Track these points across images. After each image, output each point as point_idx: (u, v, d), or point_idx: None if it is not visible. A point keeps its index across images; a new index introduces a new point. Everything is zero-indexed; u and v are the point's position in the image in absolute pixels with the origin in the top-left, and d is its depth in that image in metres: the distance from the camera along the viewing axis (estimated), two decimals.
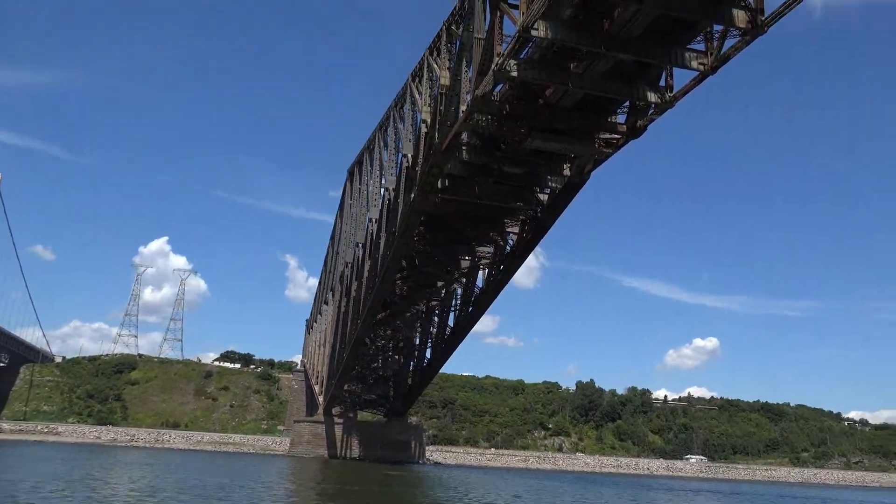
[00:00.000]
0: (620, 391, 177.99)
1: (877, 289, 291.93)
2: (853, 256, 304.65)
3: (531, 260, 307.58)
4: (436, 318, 61.86)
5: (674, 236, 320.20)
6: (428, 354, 67.76)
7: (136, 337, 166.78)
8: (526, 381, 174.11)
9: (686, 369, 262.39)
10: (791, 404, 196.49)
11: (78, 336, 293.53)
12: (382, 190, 52.58)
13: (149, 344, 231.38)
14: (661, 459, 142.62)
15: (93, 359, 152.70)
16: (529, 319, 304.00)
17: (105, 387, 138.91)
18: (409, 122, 44.82)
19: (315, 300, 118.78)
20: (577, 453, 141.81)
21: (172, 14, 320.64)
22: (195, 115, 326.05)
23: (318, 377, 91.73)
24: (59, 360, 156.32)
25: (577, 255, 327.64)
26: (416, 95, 42.81)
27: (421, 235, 45.81)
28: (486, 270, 51.27)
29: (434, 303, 61.50)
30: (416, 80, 43.25)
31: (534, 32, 25.43)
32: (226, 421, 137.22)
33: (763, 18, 24.24)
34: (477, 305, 53.38)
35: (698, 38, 27.10)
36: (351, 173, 71.38)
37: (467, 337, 58.27)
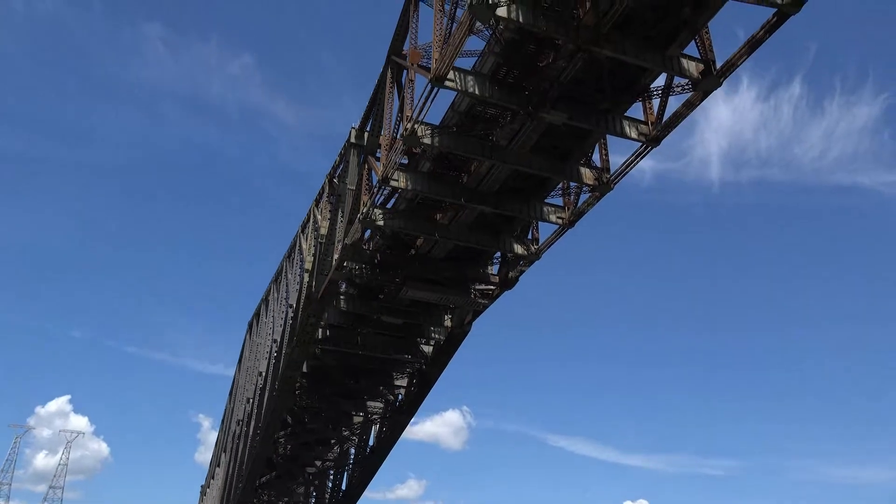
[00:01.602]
0: None
1: (795, 444, 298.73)
2: (770, 413, 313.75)
3: (458, 419, 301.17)
4: (329, 481, 57.75)
5: (597, 392, 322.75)
6: None
7: None
8: None
9: None
10: None
11: None
12: (271, 342, 50.75)
13: None
14: None
15: None
16: (458, 483, 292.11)
17: None
18: (297, 272, 44.30)
19: (210, 462, 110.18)
20: None
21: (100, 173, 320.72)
22: (110, 270, 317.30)
23: None
24: None
25: (506, 414, 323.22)
26: (304, 245, 42.68)
27: (303, 389, 43.69)
28: (378, 427, 48.92)
29: (328, 463, 57.72)
30: (304, 230, 43.37)
31: (393, 183, 26.12)
32: None
33: (608, 176, 25.66)
34: (366, 465, 50.31)
35: (557, 193, 28.46)
36: (250, 326, 69.21)
37: (391, 502, 54.21)
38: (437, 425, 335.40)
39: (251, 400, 55.48)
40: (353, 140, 31.24)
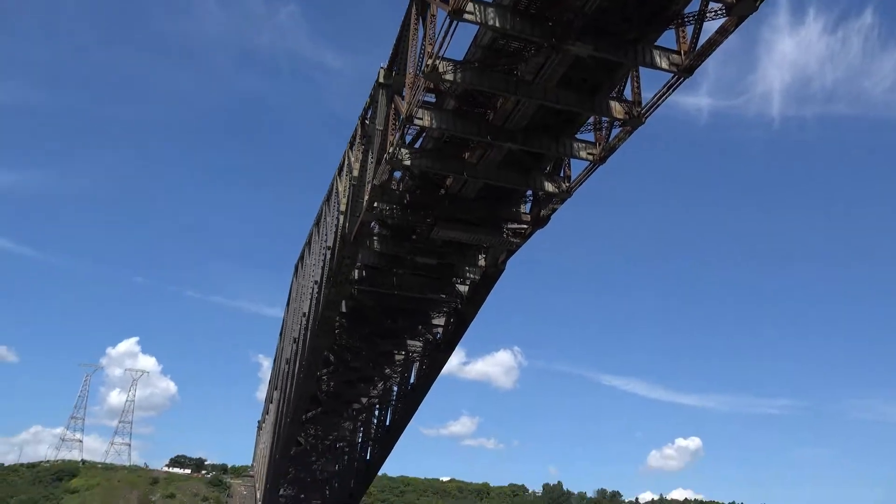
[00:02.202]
0: (590, 493, 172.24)
1: (851, 387, 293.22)
2: (827, 355, 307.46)
3: (509, 359, 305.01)
4: (375, 417, 59.57)
5: (652, 335, 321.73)
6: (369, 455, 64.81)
7: (80, 441, 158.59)
8: (491, 484, 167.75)
9: (670, 470, 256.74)
10: None
11: (37, 442, 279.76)
12: (312, 283, 51.80)
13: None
14: None
15: (32, 465, 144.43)
16: (509, 421, 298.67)
17: (41, 497, 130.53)
18: (334, 215, 44.71)
19: (265, 399, 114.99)
20: None
21: (145, 125, 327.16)
22: (168, 218, 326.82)
23: (260, 481, 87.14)
24: None
25: (557, 354, 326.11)
26: (339, 188, 42.91)
27: (343, 328, 44.63)
28: (418, 365, 49.90)
29: (373, 399, 59.39)
30: (340, 173, 43.52)
31: (417, 122, 25.77)
32: None
33: (639, 110, 24.74)
34: (407, 401, 51.60)
35: (588, 128, 27.69)
36: (296, 268, 70.71)
37: (445, 439, 56.10)
38: (488, 365, 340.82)
39: (297, 340, 57.18)
40: (381, 80, 30.72)
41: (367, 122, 34.07)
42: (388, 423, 57.25)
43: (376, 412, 60.10)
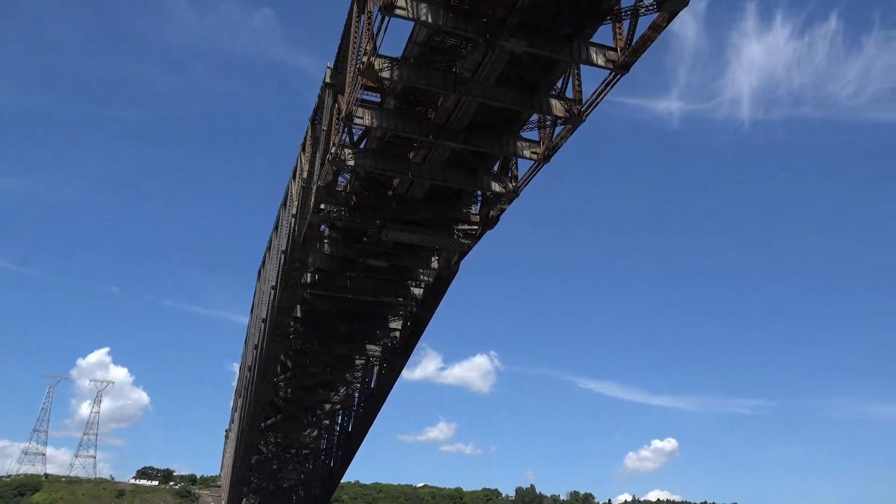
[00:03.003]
0: (563, 496, 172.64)
1: (821, 385, 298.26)
2: (798, 354, 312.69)
3: (486, 364, 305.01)
4: (337, 423, 58.81)
5: (628, 338, 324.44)
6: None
7: (43, 455, 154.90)
8: (466, 489, 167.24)
9: (646, 472, 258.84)
10: None
11: (5, 457, 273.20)
12: (270, 288, 51.00)
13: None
14: None
15: None
16: (486, 425, 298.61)
17: None
18: (288, 219, 44.09)
19: (231, 407, 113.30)
20: None
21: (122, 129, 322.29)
22: (145, 227, 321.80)
23: (225, 491, 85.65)
24: None
25: (534, 358, 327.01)
26: (293, 191, 42.32)
27: (298, 334, 43.93)
28: (377, 370, 49.35)
29: (335, 406, 58.64)
30: (294, 176, 42.91)
31: (357, 121, 25.42)
32: None
33: (580, 108, 24.63)
34: (368, 407, 51.04)
35: (532, 126, 27.53)
36: (259, 274, 69.75)
37: (422, 445, 55.58)
38: (465, 370, 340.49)
39: (257, 346, 56.28)
40: (327, 80, 30.28)
41: (316, 123, 33.65)
42: (349, 429, 56.64)
43: (338, 418, 59.45)
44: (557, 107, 24.85)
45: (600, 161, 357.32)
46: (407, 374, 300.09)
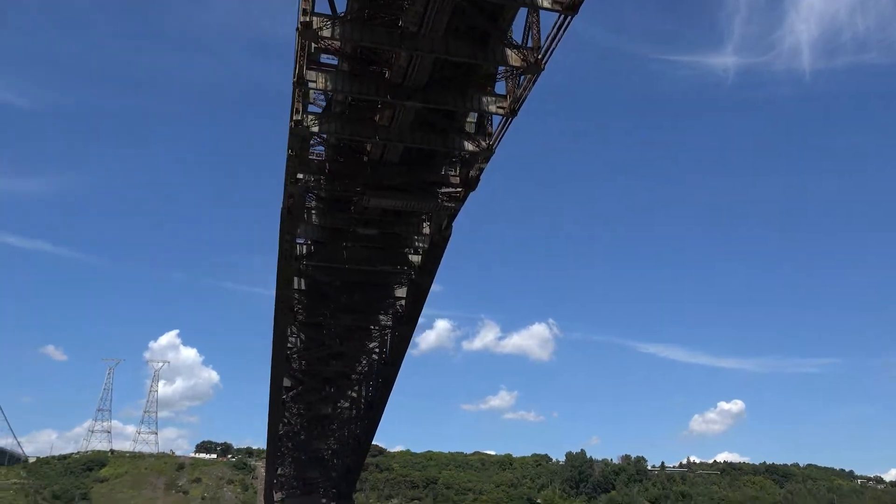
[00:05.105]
0: (616, 460, 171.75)
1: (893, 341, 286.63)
2: (870, 313, 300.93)
3: (545, 332, 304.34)
4: (356, 393, 59.31)
5: (688, 301, 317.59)
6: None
7: (108, 432, 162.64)
8: (514, 455, 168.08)
9: (713, 434, 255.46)
10: (800, 465, 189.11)
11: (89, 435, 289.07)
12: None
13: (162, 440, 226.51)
14: None
15: (63, 457, 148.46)
16: (548, 393, 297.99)
17: (72, 486, 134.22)
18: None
19: None
20: None
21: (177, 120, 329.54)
22: (200, 212, 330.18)
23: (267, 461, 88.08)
24: (32, 460, 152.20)
25: (593, 325, 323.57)
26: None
27: (303, 306, 44.12)
28: (389, 339, 49.33)
29: (356, 376, 59.09)
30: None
31: (311, 84, 24.88)
32: None
33: (537, 56, 23.45)
34: (383, 375, 51.23)
35: (501, 78, 26.47)
36: None
37: (484, 413, 55.69)
38: (524, 339, 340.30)
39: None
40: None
41: None
42: (371, 398, 57.08)
43: (360, 388, 59.91)
44: (513, 57, 23.72)
45: (652, 119, 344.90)
46: (466, 344, 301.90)
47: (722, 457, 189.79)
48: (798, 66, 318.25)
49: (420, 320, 45.91)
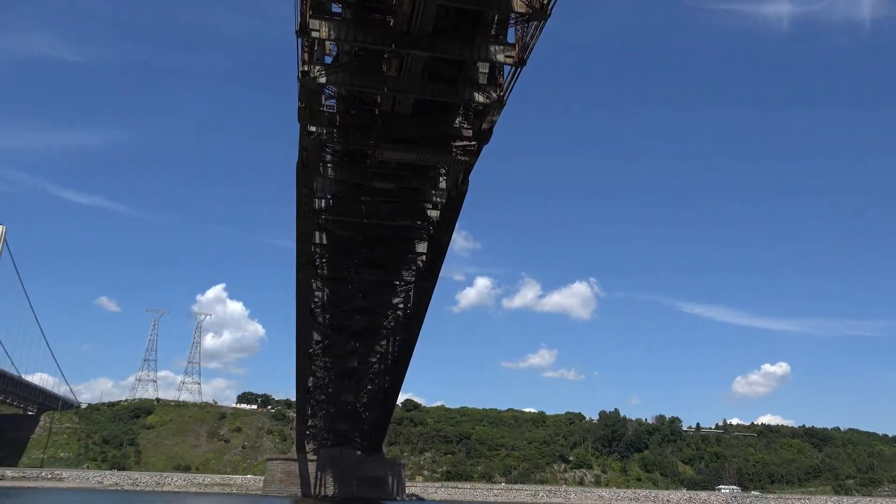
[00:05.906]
0: (650, 420, 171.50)
1: None
2: None
3: (586, 291, 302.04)
4: (382, 347, 60.18)
5: (733, 261, 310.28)
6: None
7: (154, 381, 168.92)
8: (547, 413, 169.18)
9: (756, 396, 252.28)
10: (841, 429, 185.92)
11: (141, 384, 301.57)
12: None
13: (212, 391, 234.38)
14: (687, 490, 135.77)
15: (112, 404, 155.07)
16: (588, 352, 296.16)
17: (120, 432, 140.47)
18: None
19: None
20: (592, 487, 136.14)
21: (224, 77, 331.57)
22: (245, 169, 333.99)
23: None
24: (84, 406, 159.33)
25: (635, 284, 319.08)
26: None
27: (325, 260, 44.62)
28: (412, 295, 49.71)
29: (383, 331, 59.84)
30: None
31: (314, 34, 24.59)
32: (237, 462, 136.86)
33: (543, 2, 22.72)
34: (408, 331, 51.77)
35: (512, 24, 25.80)
36: None
37: (523, 371, 56.30)
38: (564, 297, 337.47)
39: None
40: None
41: None
42: (395, 353, 57.89)
43: (387, 344, 60.68)
44: (518, 3, 23.01)
45: (706, 72, 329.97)
46: (507, 302, 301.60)
47: (762, 420, 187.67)
48: (857, 15, 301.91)
49: (460, 278, 46.19)
